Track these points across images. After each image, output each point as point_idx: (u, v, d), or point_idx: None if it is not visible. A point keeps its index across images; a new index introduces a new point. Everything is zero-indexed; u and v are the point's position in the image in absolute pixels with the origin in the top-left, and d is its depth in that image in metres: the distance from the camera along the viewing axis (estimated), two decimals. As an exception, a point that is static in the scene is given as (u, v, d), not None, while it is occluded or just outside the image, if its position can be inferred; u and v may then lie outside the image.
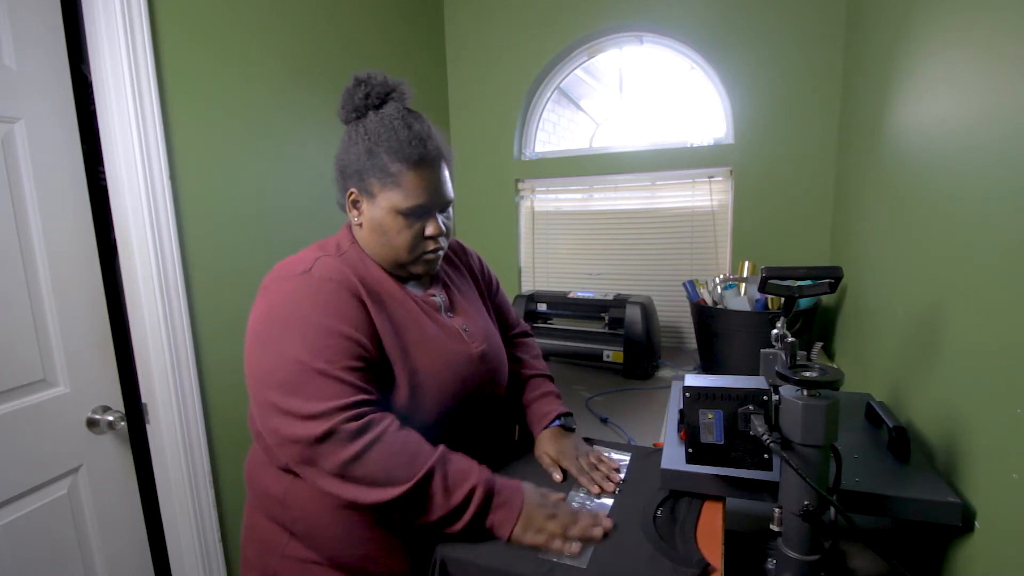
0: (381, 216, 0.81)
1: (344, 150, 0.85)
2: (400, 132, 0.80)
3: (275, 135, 1.41)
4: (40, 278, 1.02)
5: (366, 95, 0.83)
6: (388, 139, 0.80)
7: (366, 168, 0.81)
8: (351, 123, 0.85)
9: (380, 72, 0.85)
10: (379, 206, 0.81)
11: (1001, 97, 0.65)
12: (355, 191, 0.84)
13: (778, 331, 0.73)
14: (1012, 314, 0.60)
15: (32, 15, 1.00)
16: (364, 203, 0.83)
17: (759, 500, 0.74)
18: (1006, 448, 0.60)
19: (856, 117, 1.44)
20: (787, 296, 0.77)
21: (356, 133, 0.83)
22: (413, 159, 0.80)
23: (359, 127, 0.83)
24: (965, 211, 0.73)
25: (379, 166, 0.80)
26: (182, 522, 1.20)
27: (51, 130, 1.04)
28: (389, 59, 1.86)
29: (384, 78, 0.85)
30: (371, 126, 0.81)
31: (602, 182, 2.05)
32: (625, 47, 2.01)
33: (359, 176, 0.82)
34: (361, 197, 0.83)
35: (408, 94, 0.86)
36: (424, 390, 0.80)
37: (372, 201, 0.82)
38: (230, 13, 1.28)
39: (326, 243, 0.87)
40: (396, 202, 0.80)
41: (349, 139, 0.84)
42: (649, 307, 1.70)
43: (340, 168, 0.85)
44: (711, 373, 1.60)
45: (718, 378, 0.70)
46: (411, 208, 0.81)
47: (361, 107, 0.84)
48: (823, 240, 1.73)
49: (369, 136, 0.81)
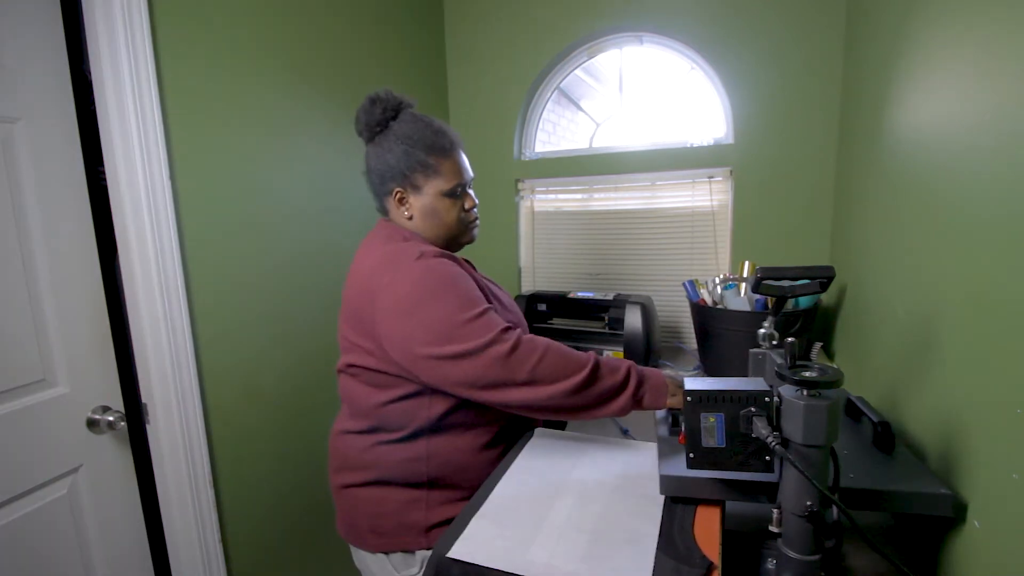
0: (431, 202, 0.99)
1: (378, 160, 0.99)
2: (426, 131, 0.98)
3: (275, 135, 1.41)
4: (40, 278, 1.02)
5: (383, 110, 0.99)
6: (420, 138, 0.97)
7: (407, 166, 0.97)
8: (376, 136, 1.00)
9: (386, 89, 1.00)
10: (427, 194, 0.98)
11: (1001, 97, 0.65)
12: (400, 190, 0.99)
13: (765, 330, 0.73)
14: (1012, 314, 0.60)
15: (32, 15, 1.00)
16: (411, 197, 0.99)
17: (757, 502, 0.74)
18: (1006, 448, 0.60)
19: (856, 117, 1.44)
20: (779, 296, 0.78)
21: (387, 142, 0.98)
22: (446, 148, 0.99)
23: (387, 137, 0.98)
24: (965, 211, 0.73)
25: (419, 161, 0.97)
26: (182, 522, 1.20)
27: (51, 130, 1.03)
28: (390, 59, 1.86)
29: (392, 93, 1.00)
30: (400, 132, 0.98)
31: (602, 182, 2.05)
32: (625, 47, 2.01)
33: (402, 176, 0.98)
34: (407, 193, 0.99)
35: (413, 103, 1.03)
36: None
37: (419, 193, 0.99)
38: (230, 14, 1.27)
39: (396, 234, 0.98)
40: (440, 186, 0.98)
41: (382, 149, 0.99)
42: (649, 307, 1.70)
43: (379, 176, 1.00)
44: (711, 373, 1.60)
45: (717, 380, 0.69)
46: (453, 188, 0.99)
47: (381, 121, 0.99)
48: (823, 240, 1.73)
49: (401, 140, 0.97)
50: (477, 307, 0.87)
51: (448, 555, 0.70)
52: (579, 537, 0.70)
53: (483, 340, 0.84)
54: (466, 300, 0.87)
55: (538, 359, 0.84)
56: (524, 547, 0.70)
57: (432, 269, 0.89)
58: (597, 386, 0.87)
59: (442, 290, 0.87)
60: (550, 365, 0.85)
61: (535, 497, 0.80)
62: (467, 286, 0.90)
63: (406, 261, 0.90)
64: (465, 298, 0.87)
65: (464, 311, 0.86)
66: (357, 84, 1.67)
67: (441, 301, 0.86)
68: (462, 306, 0.86)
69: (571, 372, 0.86)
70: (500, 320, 0.87)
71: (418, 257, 0.90)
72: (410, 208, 1.00)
